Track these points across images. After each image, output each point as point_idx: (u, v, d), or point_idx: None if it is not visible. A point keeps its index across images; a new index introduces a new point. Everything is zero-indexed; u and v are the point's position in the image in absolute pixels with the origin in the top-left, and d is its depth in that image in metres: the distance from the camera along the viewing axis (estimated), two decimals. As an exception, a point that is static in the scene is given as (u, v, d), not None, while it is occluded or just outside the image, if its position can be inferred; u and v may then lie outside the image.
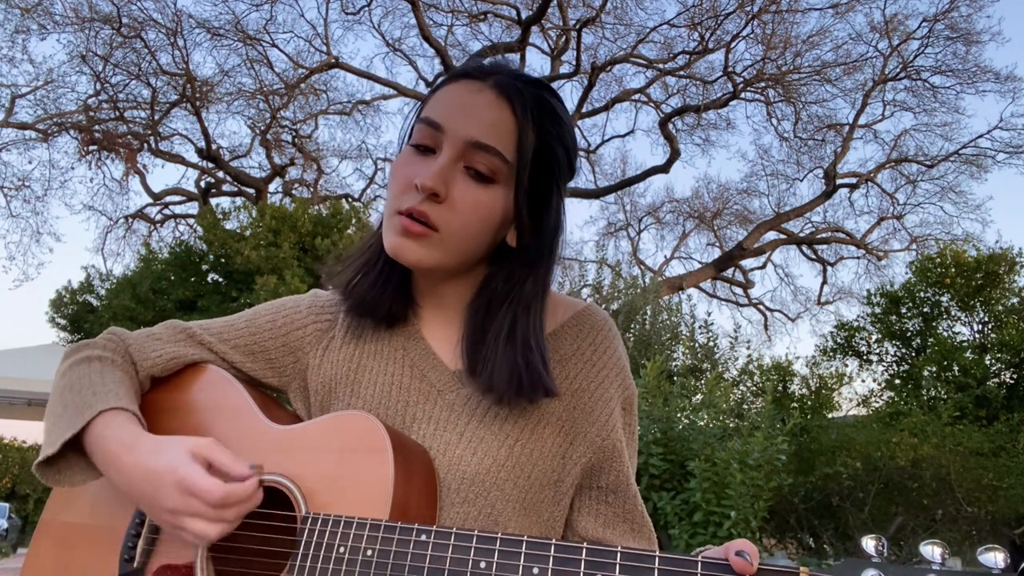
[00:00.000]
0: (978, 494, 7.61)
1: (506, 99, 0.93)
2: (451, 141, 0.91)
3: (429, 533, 0.80)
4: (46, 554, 1.03)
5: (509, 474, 0.92)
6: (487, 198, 0.92)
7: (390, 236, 0.93)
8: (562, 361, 0.99)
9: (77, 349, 1.06)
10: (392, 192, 0.94)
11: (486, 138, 0.91)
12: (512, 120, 0.92)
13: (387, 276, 1.00)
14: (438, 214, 0.90)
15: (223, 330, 1.09)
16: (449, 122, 0.92)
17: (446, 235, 0.91)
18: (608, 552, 0.72)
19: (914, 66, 14.88)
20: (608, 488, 0.98)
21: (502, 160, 0.91)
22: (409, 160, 0.94)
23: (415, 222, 0.90)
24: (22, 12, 13.30)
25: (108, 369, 1.01)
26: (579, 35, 13.93)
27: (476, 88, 0.94)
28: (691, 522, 5.35)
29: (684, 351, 10.31)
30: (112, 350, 1.06)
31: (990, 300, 11.04)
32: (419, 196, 0.90)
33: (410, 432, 0.95)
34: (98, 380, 0.98)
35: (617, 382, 1.00)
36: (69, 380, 1.00)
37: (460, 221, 0.91)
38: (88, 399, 0.95)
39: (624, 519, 0.99)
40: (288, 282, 10.25)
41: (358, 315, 1.03)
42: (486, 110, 0.92)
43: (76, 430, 0.91)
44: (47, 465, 0.94)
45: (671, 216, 18.71)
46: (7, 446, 13.79)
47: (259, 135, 15.83)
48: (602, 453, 0.97)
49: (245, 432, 0.98)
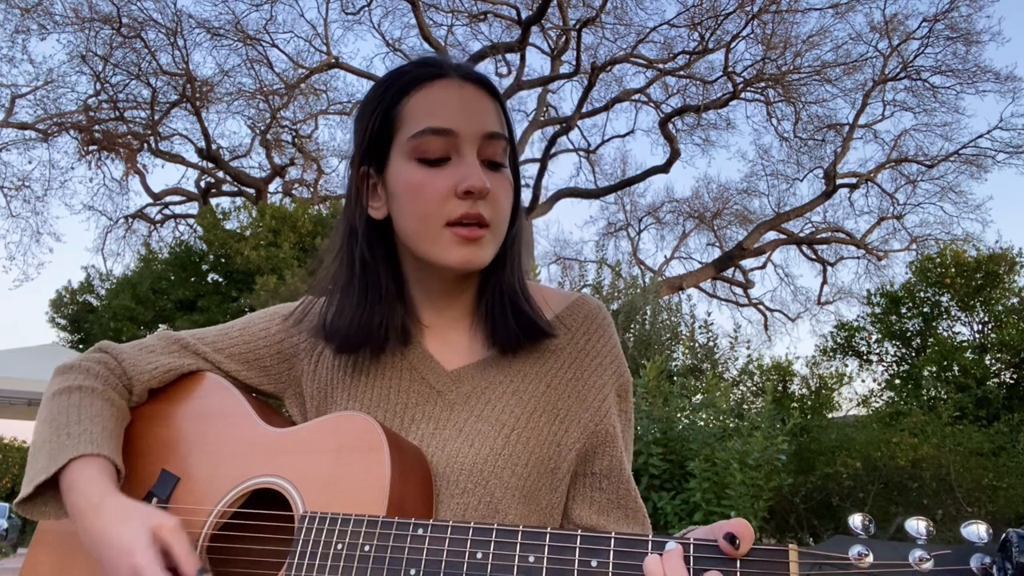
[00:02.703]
0: (978, 494, 7.62)
1: (482, 87, 0.98)
2: (468, 140, 0.93)
3: (426, 527, 0.80)
4: (43, 561, 1.03)
5: (507, 462, 0.93)
6: (507, 181, 0.97)
7: (451, 251, 0.93)
8: (556, 351, 1.00)
9: (63, 371, 1.05)
10: (424, 210, 0.92)
11: (494, 127, 0.96)
12: (495, 103, 0.98)
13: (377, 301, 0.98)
14: (488, 211, 0.93)
15: (217, 339, 1.09)
16: (459, 124, 0.93)
17: (495, 228, 0.95)
18: (602, 539, 0.73)
19: (914, 66, 14.90)
20: (602, 474, 0.99)
21: (507, 142, 0.97)
22: (427, 175, 0.93)
23: (475, 227, 0.92)
24: (22, 12, 13.32)
25: (87, 401, 1.00)
26: (579, 35, 13.93)
27: (457, 86, 0.96)
28: (691, 522, 5.35)
29: (684, 351, 10.31)
30: (97, 374, 1.04)
31: (990, 300, 11.04)
32: (465, 202, 0.92)
33: (409, 433, 0.96)
34: (74, 418, 0.97)
35: (611, 369, 1.02)
36: (49, 411, 0.99)
37: (501, 210, 0.95)
38: (63, 441, 0.94)
39: (618, 505, 1.00)
40: (288, 282, 10.25)
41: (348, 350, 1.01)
42: (479, 102, 0.96)
43: (48, 475, 0.92)
44: (26, 503, 0.95)
45: (671, 216, 18.75)
46: (7, 446, 13.80)
47: (259, 135, 15.85)
48: (595, 438, 0.98)
49: (242, 436, 0.99)
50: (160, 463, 1.02)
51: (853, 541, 0.65)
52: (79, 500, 0.90)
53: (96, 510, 0.89)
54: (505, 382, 0.98)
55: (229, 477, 0.96)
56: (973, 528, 0.62)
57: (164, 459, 1.02)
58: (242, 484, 0.94)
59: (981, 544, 0.62)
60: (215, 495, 0.95)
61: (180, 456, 1.02)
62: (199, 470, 0.99)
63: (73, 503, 0.91)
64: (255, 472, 0.94)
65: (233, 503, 0.94)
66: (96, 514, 0.88)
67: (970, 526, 0.62)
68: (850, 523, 0.66)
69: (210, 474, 0.98)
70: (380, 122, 0.96)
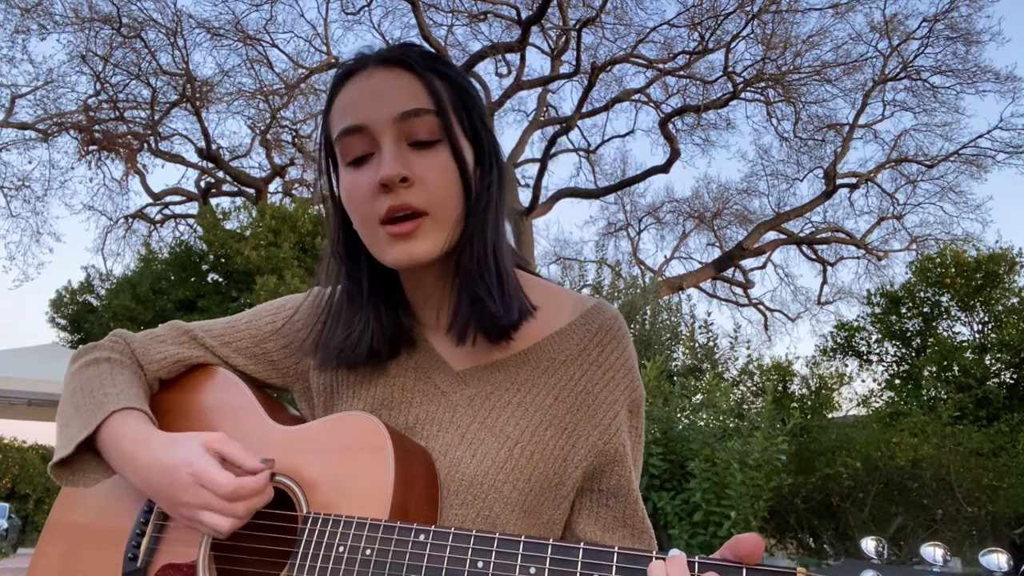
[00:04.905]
0: (978, 494, 7.61)
1: (398, 66, 0.91)
2: (381, 129, 0.88)
3: (428, 533, 0.80)
4: (52, 554, 1.04)
5: (508, 477, 0.90)
6: (443, 158, 0.89)
7: (389, 251, 0.89)
8: (567, 361, 0.96)
9: (85, 351, 1.07)
10: (358, 214, 0.90)
11: (408, 105, 0.89)
12: (414, 78, 0.90)
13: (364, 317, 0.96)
14: (416, 197, 0.87)
15: (225, 333, 1.09)
16: (367, 116, 0.89)
17: (436, 212, 0.88)
18: (605, 552, 0.72)
19: (914, 66, 14.90)
20: (609, 492, 0.96)
21: (433, 115, 0.89)
22: (354, 177, 0.90)
23: (402, 221, 0.87)
24: (22, 12, 13.31)
25: (117, 370, 1.03)
26: (579, 35, 13.92)
27: (366, 77, 0.91)
28: (691, 522, 5.35)
29: (684, 351, 10.31)
30: (120, 351, 1.07)
31: (990, 300, 11.03)
32: (387, 196, 0.87)
33: (413, 433, 0.95)
34: (108, 381, 1.00)
35: (624, 384, 0.97)
36: (80, 381, 1.01)
37: (435, 192, 0.88)
38: (100, 400, 0.97)
39: (624, 523, 0.97)
40: (288, 282, 10.25)
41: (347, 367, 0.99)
42: (389, 84, 0.90)
43: (90, 431, 0.93)
44: (62, 466, 0.96)
45: (671, 216, 18.74)
46: (7, 446, 13.78)
47: (259, 135, 15.84)
48: (604, 456, 0.95)
49: (250, 432, 0.99)
50: None
51: (865, 565, 0.63)
52: (124, 443, 0.93)
53: (145, 446, 0.92)
54: (512, 390, 0.95)
55: None
56: (993, 557, 0.60)
57: None
58: None
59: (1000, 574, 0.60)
60: None
61: None
62: None
63: (118, 447, 0.93)
64: None
65: None
66: (145, 449, 0.91)
67: (990, 555, 0.60)
68: (863, 547, 0.64)
69: None
70: (323, 135, 0.96)
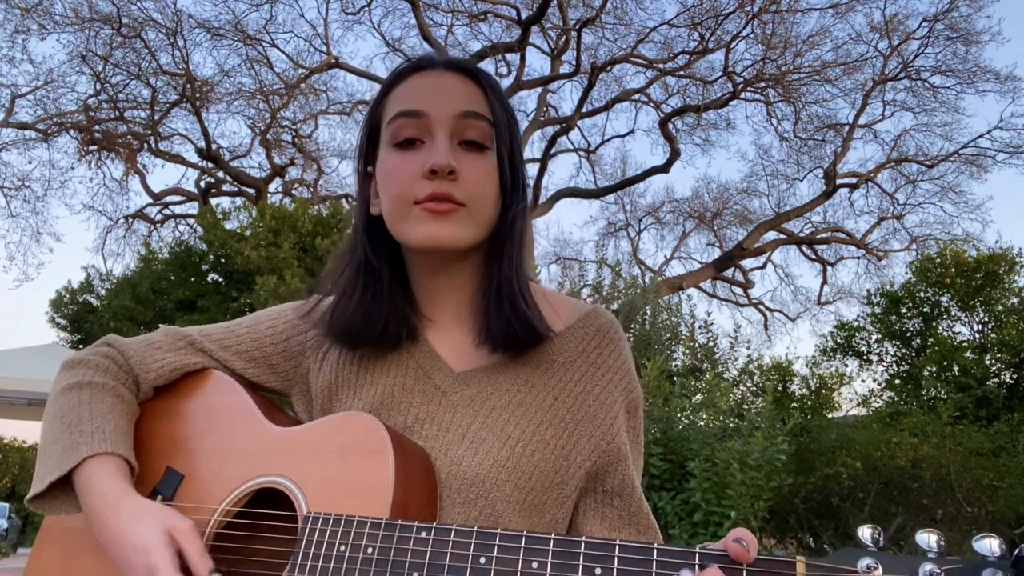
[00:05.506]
0: (978, 494, 7.61)
1: (466, 75, 0.98)
2: (440, 121, 0.93)
3: (429, 530, 0.80)
4: (49, 560, 1.03)
5: (509, 475, 0.91)
6: (489, 164, 0.95)
7: (418, 228, 0.92)
8: (566, 364, 0.98)
9: (71, 366, 1.05)
10: (395, 191, 0.93)
11: (470, 107, 0.94)
12: (479, 90, 0.97)
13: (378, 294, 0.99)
14: (458, 190, 0.91)
15: (224, 337, 1.09)
16: (430, 106, 0.93)
17: (473, 208, 0.92)
18: (607, 545, 0.72)
19: (914, 66, 14.90)
20: (613, 492, 0.97)
21: (490, 124, 0.95)
22: (399, 159, 0.94)
23: (441, 202, 0.90)
24: (22, 12, 13.31)
25: (98, 397, 1.00)
26: (579, 35, 13.92)
27: (436, 75, 0.97)
28: (691, 522, 5.35)
29: (684, 351, 10.31)
30: (106, 369, 1.04)
31: (990, 300, 11.03)
32: (432, 182, 0.90)
33: (412, 433, 0.95)
34: (86, 414, 0.98)
35: (621, 386, 0.99)
36: (60, 408, 1.00)
37: (479, 191, 0.93)
38: (75, 438, 0.95)
39: (629, 522, 0.98)
40: (288, 282, 10.25)
41: (349, 344, 1.01)
42: (456, 86, 0.96)
43: (63, 472, 0.93)
44: (37, 499, 0.96)
45: (671, 216, 18.75)
46: (7, 446, 13.79)
47: (259, 135, 15.84)
48: (607, 457, 0.96)
49: (247, 435, 0.99)
50: (165, 460, 1.02)
51: (862, 553, 0.64)
52: (94, 499, 0.91)
53: (112, 509, 0.89)
54: (512, 390, 0.96)
55: (233, 476, 0.96)
56: (985, 542, 0.61)
57: (169, 457, 1.03)
58: (246, 483, 0.94)
59: (993, 559, 0.61)
60: (219, 494, 0.95)
61: (185, 454, 1.02)
62: (204, 468, 0.99)
63: (88, 502, 0.92)
64: (259, 471, 0.94)
65: (237, 502, 0.94)
66: (112, 512, 0.89)
67: (982, 540, 0.61)
68: (859, 535, 0.65)
69: (215, 473, 0.98)
70: (370, 118, 1.00)
